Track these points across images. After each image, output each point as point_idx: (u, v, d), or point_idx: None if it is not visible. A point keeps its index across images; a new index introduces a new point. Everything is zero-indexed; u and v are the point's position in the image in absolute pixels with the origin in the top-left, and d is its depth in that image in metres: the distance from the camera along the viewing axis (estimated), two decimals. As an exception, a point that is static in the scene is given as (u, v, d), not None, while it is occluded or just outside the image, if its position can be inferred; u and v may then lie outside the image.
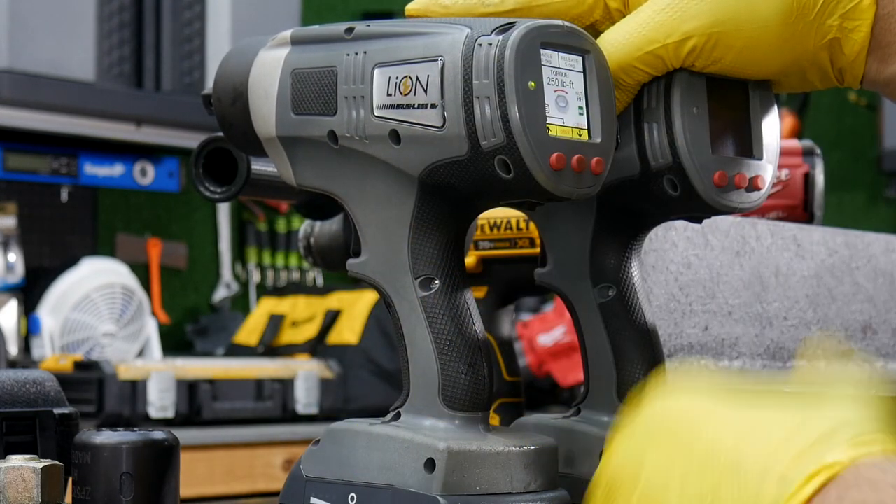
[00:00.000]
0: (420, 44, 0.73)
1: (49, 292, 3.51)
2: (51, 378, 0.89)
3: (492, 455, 0.71)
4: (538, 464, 0.73)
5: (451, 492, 0.70)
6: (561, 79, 0.73)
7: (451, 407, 0.73)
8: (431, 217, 0.74)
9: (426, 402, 0.73)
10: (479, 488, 0.71)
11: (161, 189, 4.06)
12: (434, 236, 0.74)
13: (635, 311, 0.84)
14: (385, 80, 0.73)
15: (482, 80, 0.71)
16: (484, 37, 0.71)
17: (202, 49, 3.85)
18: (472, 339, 0.74)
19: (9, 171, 3.73)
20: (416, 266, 0.74)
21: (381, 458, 0.72)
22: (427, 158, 0.73)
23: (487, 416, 0.75)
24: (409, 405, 0.74)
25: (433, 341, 0.73)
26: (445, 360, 0.73)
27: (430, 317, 0.74)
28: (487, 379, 0.74)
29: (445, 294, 0.74)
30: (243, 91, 0.79)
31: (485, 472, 0.71)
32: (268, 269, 4.39)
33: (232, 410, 3.24)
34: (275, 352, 3.70)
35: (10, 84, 3.37)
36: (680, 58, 0.79)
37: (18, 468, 0.77)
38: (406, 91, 0.73)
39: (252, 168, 0.93)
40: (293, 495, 0.76)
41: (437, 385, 0.73)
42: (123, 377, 3.06)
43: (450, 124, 0.72)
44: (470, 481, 0.71)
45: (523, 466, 0.72)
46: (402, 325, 0.75)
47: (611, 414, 0.83)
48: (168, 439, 0.80)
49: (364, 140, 0.75)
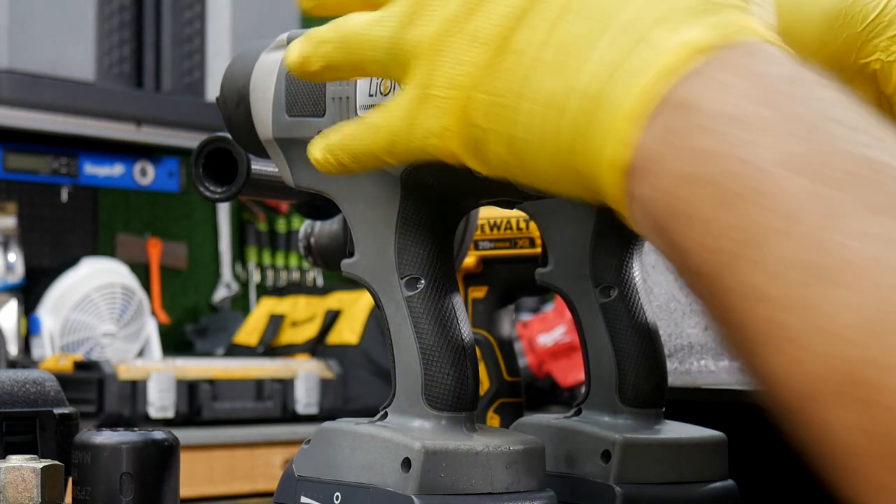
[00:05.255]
0: None
1: (49, 292, 3.51)
2: (51, 378, 0.89)
3: (470, 455, 0.71)
4: (522, 464, 0.73)
5: (426, 491, 0.70)
6: None
7: (435, 407, 0.73)
8: (416, 217, 0.75)
9: (410, 402, 0.74)
10: (456, 488, 0.71)
11: (161, 189, 4.06)
12: (419, 237, 0.75)
13: (636, 311, 0.84)
14: (367, 80, 0.74)
15: None
16: None
17: (202, 49, 3.86)
18: (456, 339, 0.74)
19: (9, 171, 3.73)
20: (401, 266, 0.74)
21: (363, 458, 0.73)
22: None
23: (473, 416, 0.75)
24: (395, 405, 0.74)
25: (417, 341, 0.74)
26: (429, 361, 0.73)
27: (415, 317, 0.74)
28: (472, 380, 0.74)
29: (431, 294, 0.74)
30: (246, 94, 0.80)
31: (463, 471, 0.71)
32: (268, 269, 4.40)
33: (232, 410, 3.24)
34: (275, 352, 3.70)
35: (10, 84, 3.38)
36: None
37: (18, 468, 0.77)
38: (386, 91, 0.73)
39: (252, 168, 0.93)
40: (286, 494, 0.77)
41: (420, 385, 0.73)
42: (123, 377, 3.06)
43: None
44: (447, 481, 0.70)
45: (504, 467, 0.72)
46: (389, 324, 0.75)
47: (612, 414, 0.83)
48: (168, 439, 0.80)
49: None
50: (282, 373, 3.35)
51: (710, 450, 0.82)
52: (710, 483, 0.82)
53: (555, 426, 0.84)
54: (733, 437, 0.83)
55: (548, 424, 0.84)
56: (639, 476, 0.80)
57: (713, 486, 0.82)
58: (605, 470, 0.80)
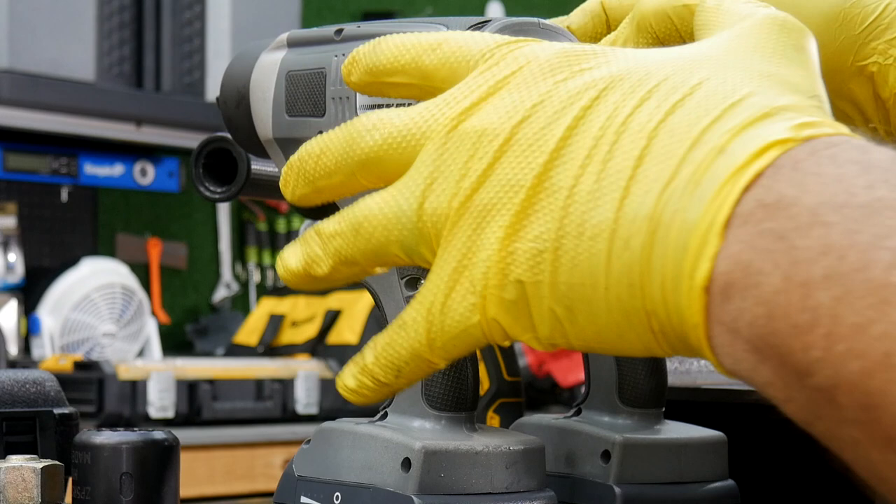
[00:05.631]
0: None
1: (49, 292, 3.51)
2: (51, 378, 0.89)
3: (470, 455, 0.71)
4: (522, 464, 0.73)
5: (426, 491, 0.70)
6: None
7: (434, 407, 0.73)
8: None
9: (410, 402, 0.74)
10: (456, 488, 0.71)
11: (161, 189, 4.06)
12: None
13: (636, 311, 0.84)
14: None
15: None
16: None
17: (202, 49, 3.85)
18: None
19: (9, 171, 3.73)
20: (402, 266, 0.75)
21: (363, 458, 0.73)
22: None
23: (473, 416, 0.75)
24: (395, 405, 0.74)
25: None
26: None
27: None
28: (471, 380, 0.74)
29: None
30: (246, 94, 0.80)
31: (463, 471, 0.71)
32: (268, 269, 4.40)
33: (232, 410, 3.24)
34: (275, 352, 3.70)
35: (10, 84, 3.38)
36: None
37: (18, 468, 0.77)
38: None
39: (252, 168, 0.93)
40: (286, 494, 0.77)
41: (420, 385, 0.73)
42: (123, 377, 3.06)
43: None
44: (447, 481, 0.70)
45: (504, 467, 0.72)
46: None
47: (612, 414, 0.83)
48: (168, 439, 0.80)
49: None
50: (282, 373, 3.35)
51: (710, 450, 0.82)
52: (710, 483, 0.82)
53: (555, 426, 0.84)
54: (733, 437, 0.83)
55: (548, 424, 0.84)
56: (639, 476, 0.80)
57: (713, 486, 0.82)
58: (604, 470, 0.80)
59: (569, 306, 0.51)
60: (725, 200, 0.46)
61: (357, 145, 0.56)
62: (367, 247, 0.56)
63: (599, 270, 0.49)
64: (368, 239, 0.55)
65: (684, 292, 0.47)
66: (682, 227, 0.47)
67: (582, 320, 0.51)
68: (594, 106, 0.51)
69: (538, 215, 0.51)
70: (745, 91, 0.50)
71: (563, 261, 0.50)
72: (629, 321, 0.50)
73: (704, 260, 0.47)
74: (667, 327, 0.49)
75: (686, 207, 0.47)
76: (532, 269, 0.51)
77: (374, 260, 0.56)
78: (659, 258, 0.48)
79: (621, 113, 0.51)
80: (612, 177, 0.49)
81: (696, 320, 0.47)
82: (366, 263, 0.56)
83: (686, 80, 0.51)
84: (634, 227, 0.48)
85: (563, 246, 0.50)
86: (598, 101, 0.51)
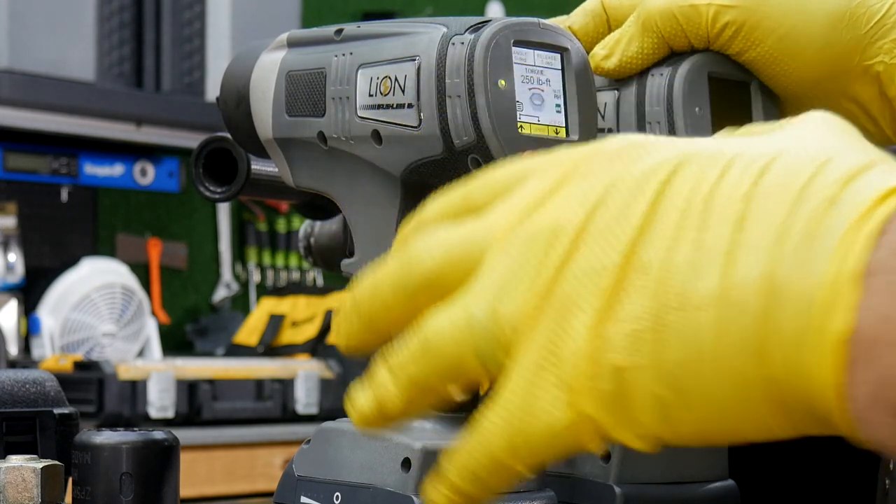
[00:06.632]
0: (400, 44, 0.73)
1: (49, 292, 3.51)
2: (51, 378, 0.89)
3: None
4: None
5: None
6: (537, 77, 0.73)
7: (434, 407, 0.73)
8: None
9: None
10: None
11: (161, 189, 4.06)
12: None
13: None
14: (368, 80, 0.74)
15: (454, 79, 0.71)
16: (458, 36, 0.72)
17: (202, 49, 3.85)
18: None
19: (9, 171, 3.73)
20: None
21: (363, 458, 0.73)
22: (406, 158, 0.74)
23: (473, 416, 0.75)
24: None
25: None
26: None
27: None
28: None
29: None
30: (246, 94, 0.80)
31: None
32: (268, 269, 4.39)
33: (232, 410, 3.24)
34: (275, 352, 3.70)
35: (10, 84, 3.37)
36: (717, 27, 0.78)
37: (18, 468, 0.77)
38: (386, 91, 0.73)
39: (252, 168, 0.93)
40: (286, 494, 0.77)
41: None
42: (123, 377, 3.06)
43: (425, 124, 0.72)
44: None
45: None
46: None
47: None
48: (168, 439, 0.80)
49: (350, 141, 0.75)
50: (282, 373, 3.34)
51: (710, 450, 0.82)
52: (710, 483, 0.82)
53: (555, 426, 0.84)
54: (733, 438, 0.83)
55: (548, 424, 0.84)
56: (639, 476, 0.80)
57: (713, 486, 0.82)
58: (605, 470, 0.80)
59: (677, 387, 0.47)
60: (852, 249, 0.44)
61: (415, 270, 0.54)
62: (441, 364, 0.52)
63: (708, 342, 0.46)
64: (440, 356, 0.52)
65: (812, 349, 0.44)
66: (804, 283, 0.45)
67: (693, 401, 0.47)
68: (671, 180, 0.49)
69: (630, 295, 0.48)
70: (830, 153, 0.48)
71: (668, 336, 0.47)
72: (746, 394, 0.46)
73: (839, 312, 0.44)
74: (788, 395, 0.46)
75: (805, 261, 0.45)
76: (631, 351, 0.47)
77: (448, 377, 0.52)
78: (779, 319, 0.45)
79: (705, 183, 0.48)
80: (710, 243, 0.47)
81: (828, 380, 0.44)
82: (439, 384, 0.52)
83: (763, 151, 0.49)
84: (748, 290, 0.46)
85: (665, 321, 0.47)
86: (676, 174, 0.49)
